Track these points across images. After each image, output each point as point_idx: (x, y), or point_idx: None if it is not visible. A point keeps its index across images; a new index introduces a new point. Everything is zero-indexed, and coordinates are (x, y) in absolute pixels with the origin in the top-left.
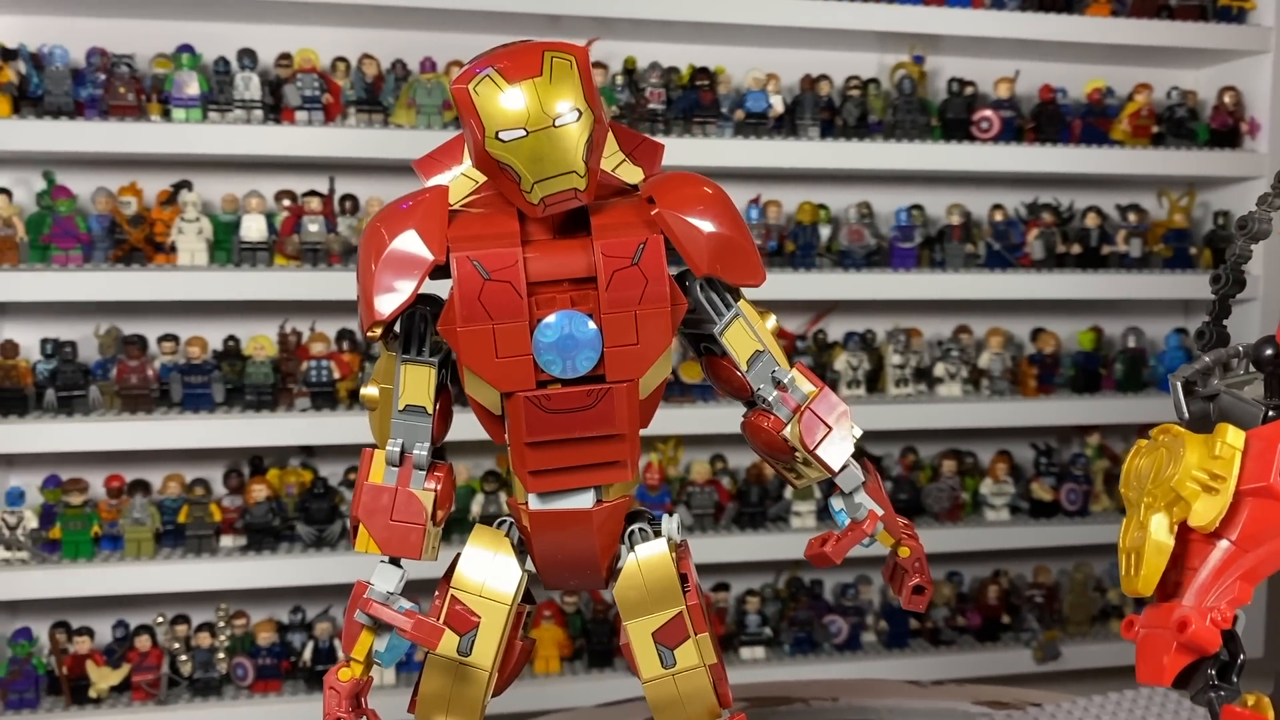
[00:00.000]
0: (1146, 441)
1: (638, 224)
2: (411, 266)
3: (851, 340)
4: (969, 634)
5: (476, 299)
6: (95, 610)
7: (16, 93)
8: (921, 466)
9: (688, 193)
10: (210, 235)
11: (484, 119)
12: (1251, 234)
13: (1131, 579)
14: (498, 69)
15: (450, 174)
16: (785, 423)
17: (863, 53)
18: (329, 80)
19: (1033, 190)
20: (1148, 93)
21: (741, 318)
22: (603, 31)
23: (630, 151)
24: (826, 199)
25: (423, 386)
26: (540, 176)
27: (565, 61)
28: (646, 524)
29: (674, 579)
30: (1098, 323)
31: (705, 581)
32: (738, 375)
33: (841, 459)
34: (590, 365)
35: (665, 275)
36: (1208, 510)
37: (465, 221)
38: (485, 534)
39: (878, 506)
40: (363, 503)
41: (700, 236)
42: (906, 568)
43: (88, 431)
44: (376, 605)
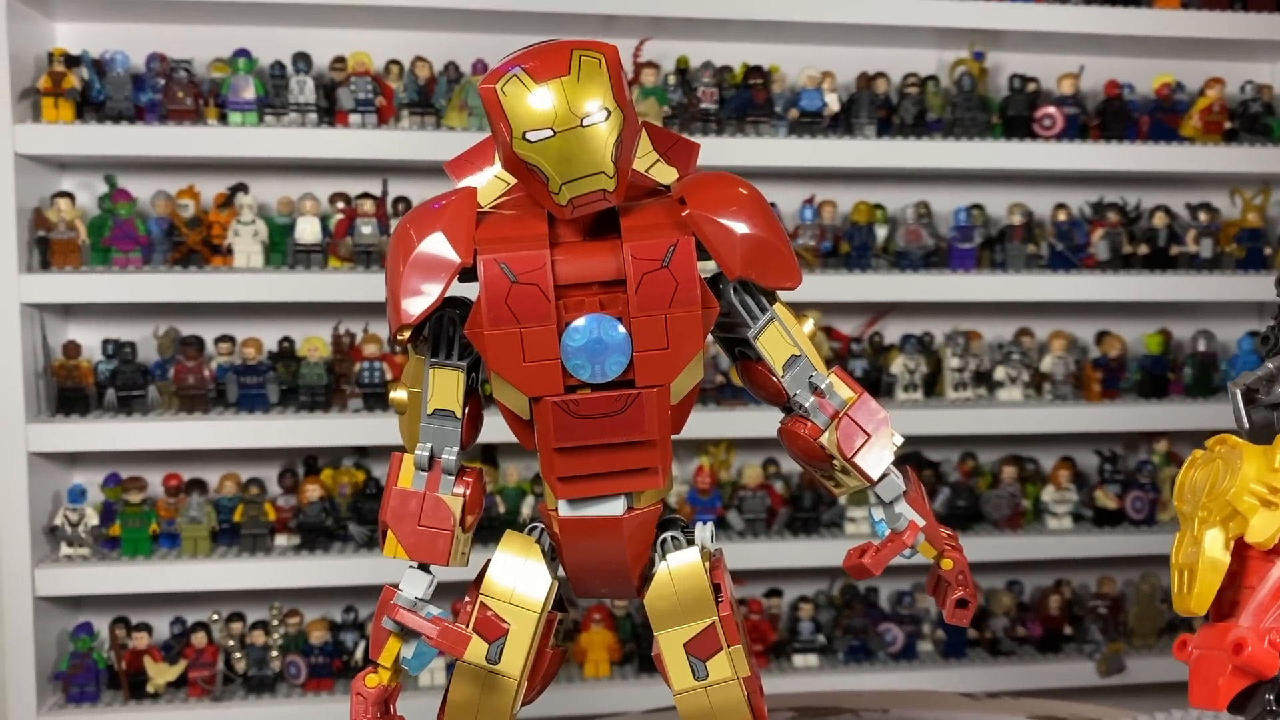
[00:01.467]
0: (1202, 452)
1: (668, 225)
2: (439, 269)
3: (909, 343)
4: (1030, 645)
5: (504, 302)
6: (154, 606)
7: (79, 98)
8: (981, 473)
9: (720, 193)
10: (266, 237)
11: (511, 119)
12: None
13: (1184, 597)
14: (525, 68)
15: (482, 175)
16: (823, 429)
17: (921, 49)
18: (382, 83)
19: (1098, 189)
20: (1220, 87)
21: (777, 321)
22: (656, 31)
23: (665, 151)
24: (883, 199)
25: (451, 390)
26: (568, 177)
27: (594, 60)
28: (680, 532)
29: (706, 589)
30: (1166, 325)
31: (757, 588)
32: (773, 380)
33: (880, 467)
34: (620, 370)
35: (696, 278)
36: (1266, 526)
37: (493, 223)
38: (516, 540)
39: (919, 517)
40: (391, 507)
41: (733, 238)
42: (950, 580)
43: (146, 431)
44: (403, 611)
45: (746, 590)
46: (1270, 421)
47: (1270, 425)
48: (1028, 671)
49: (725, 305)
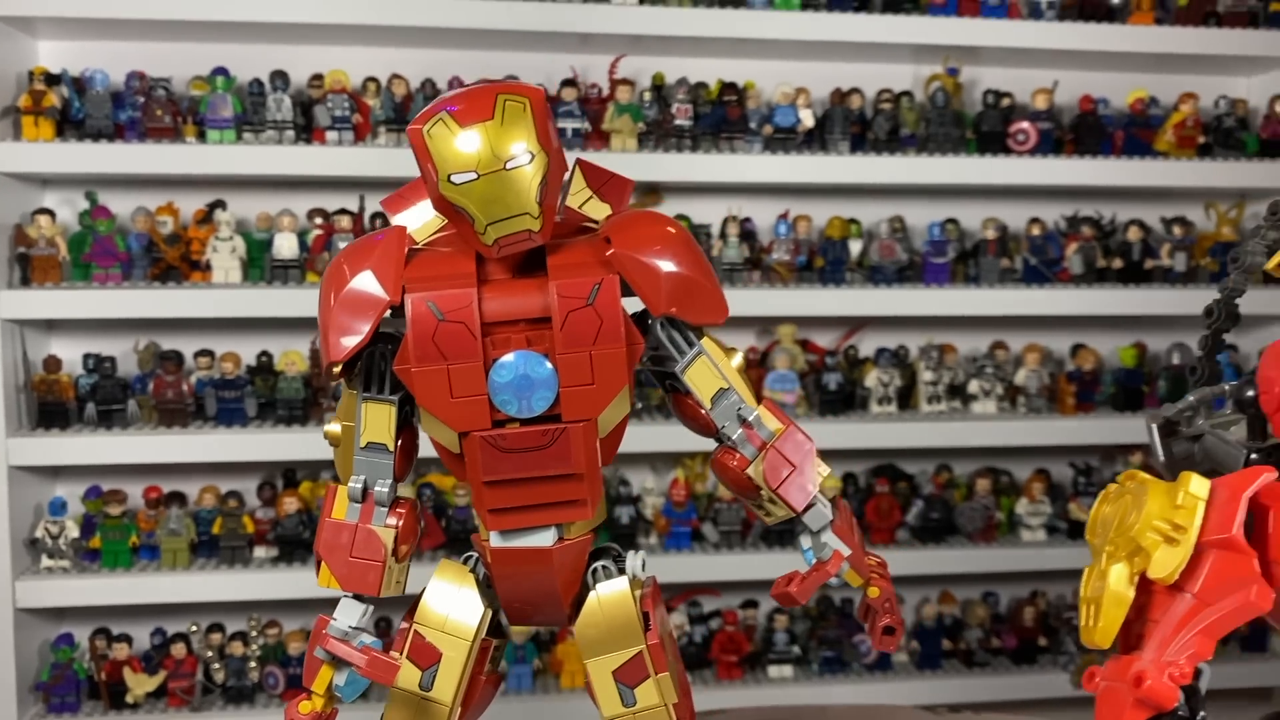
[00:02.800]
0: (1115, 487)
1: (594, 264)
2: (367, 307)
3: (883, 356)
4: (1004, 656)
5: (430, 339)
6: (134, 618)
7: (59, 116)
8: (955, 485)
9: (645, 232)
10: (244, 253)
11: (437, 161)
12: (1244, 267)
13: (1090, 630)
14: (450, 112)
15: (420, 211)
16: (750, 460)
17: (896, 65)
18: (359, 100)
19: (1072, 203)
20: (1193, 102)
21: (705, 356)
22: (633, 48)
23: (598, 188)
24: (858, 213)
25: (383, 424)
26: (493, 218)
27: (518, 104)
28: (611, 561)
29: (634, 618)
30: (1141, 339)
31: (733, 599)
32: (703, 413)
33: (805, 498)
34: (546, 405)
35: (620, 315)
36: (1167, 562)
37: (423, 262)
38: (450, 569)
39: (844, 546)
40: (324, 539)
41: (657, 276)
42: (877, 608)
43: (126, 444)
44: (333, 641)
45: (722, 602)
46: (1191, 453)
47: (1191, 457)
48: (1002, 683)
49: (653, 341)
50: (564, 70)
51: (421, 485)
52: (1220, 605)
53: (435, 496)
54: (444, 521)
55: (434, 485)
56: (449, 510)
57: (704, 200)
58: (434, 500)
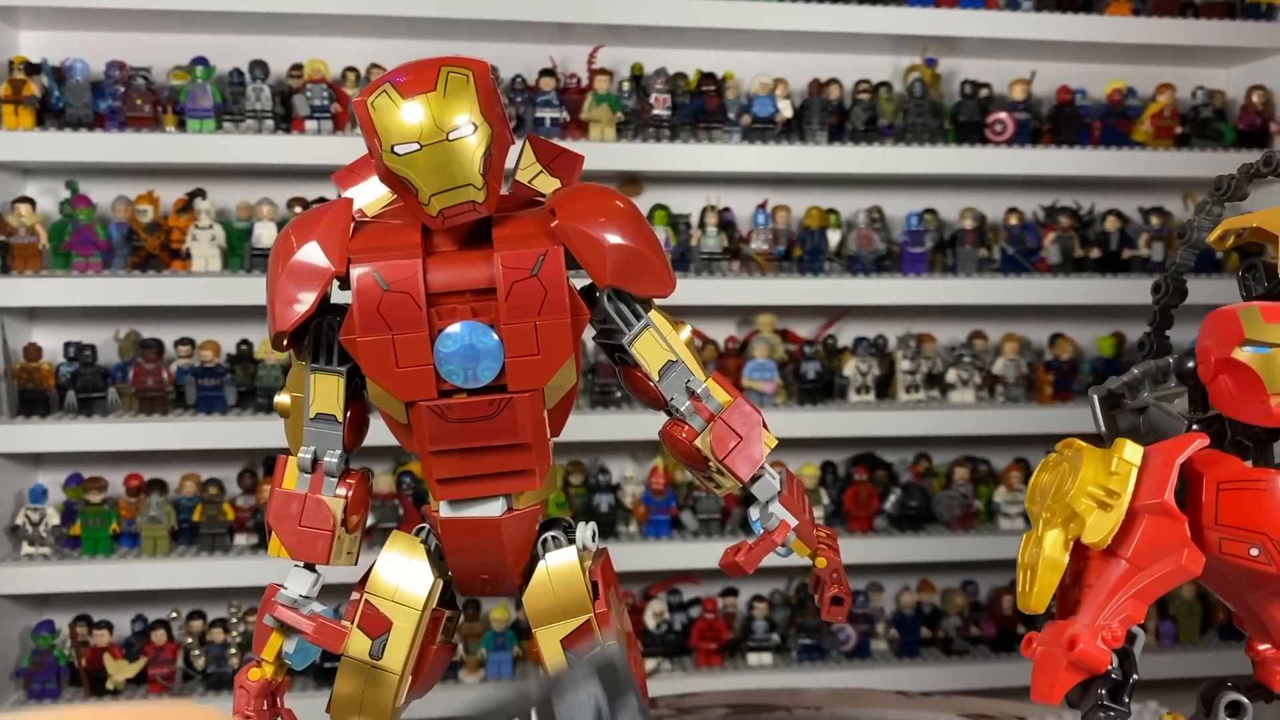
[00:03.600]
0: (1054, 455)
1: (539, 235)
2: (313, 278)
3: (862, 346)
4: (983, 644)
5: (375, 310)
6: (115, 605)
7: (39, 105)
8: (934, 474)
9: (590, 205)
10: (224, 242)
11: (380, 133)
12: (1190, 242)
13: (1026, 595)
14: (395, 84)
15: (371, 186)
16: (698, 432)
17: (874, 56)
18: (337, 90)
19: (1050, 194)
20: (1171, 93)
21: (652, 328)
22: (612, 38)
23: (548, 163)
24: (836, 203)
25: (332, 395)
26: (437, 189)
27: (461, 76)
28: (562, 532)
29: (582, 587)
30: (1119, 328)
31: (713, 587)
32: (651, 386)
33: (752, 468)
34: (492, 375)
35: (564, 286)
36: (1100, 526)
37: (369, 233)
38: (401, 540)
39: (790, 517)
40: (273, 508)
41: (601, 248)
42: (824, 578)
43: (107, 432)
44: (281, 608)
45: (702, 590)
46: (1136, 425)
47: (1136, 429)
48: (981, 671)
49: (600, 314)
50: (543, 60)
51: (402, 474)
52: (1152, 569)
53: (415, 484)
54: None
55: (414, 474)
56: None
57: (683, 190)
58: (414, 489)
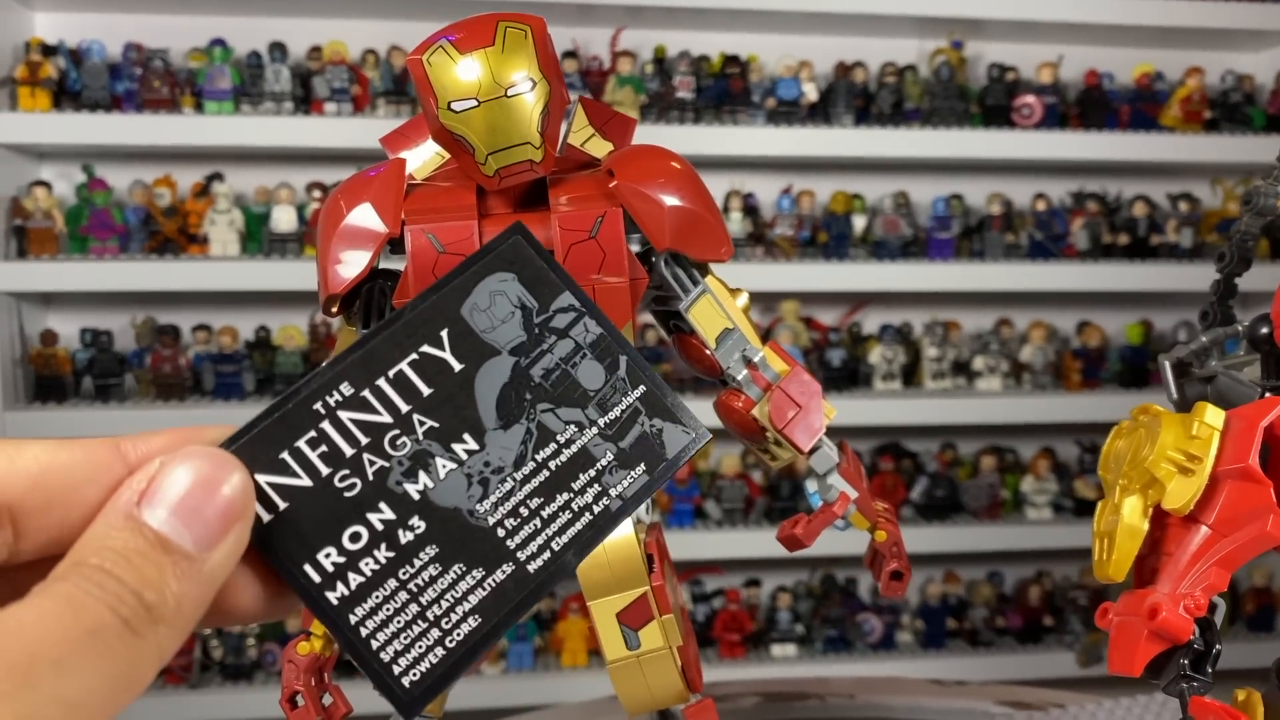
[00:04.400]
0: (1128, 423)
1: (596, 197)
2: (365, 240)
3: (887, 333)
4: (1009, 635)
5: (431, 272)
6: None
7: (56, 88)
8: (960, 463)
9: (649, 166)
10: (242, 226)
11: (437, 90)
12: (1257, 209)
13: (1104, 564)
14: (451, 40)
15: (420, 150)
16: (756, 402)
17: (900, 39)
18: (357, 72)
19: (1078, 179)
20: (1200, 77)
21: (709, 294)
22: (634, 20)
23: (600, 126)
24: (861, 188)
25: None
26: (494, 148)
27: (520, 31)
28: None
29: (639, 559)
30: (1147, 316)
31: (735, 577)
32: (707, 354)
33: (812, 439)
34: None
35: (624, 249)
36: (1182, 492)
37: (423, 195)
38: None
39: (850, 489)
40: None
41: (660, 210)
42: (884, 553)
43: (124, 419)
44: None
45: (725, 580)
46: (1204, 395)
47: (1204, 398)
48: (1007, 662)
49: (657, 279)
50: (564, 42)
51: None
52: (1236, 536)
53: None
54: None
55: None
56: None
57: (706, 174)
58: None
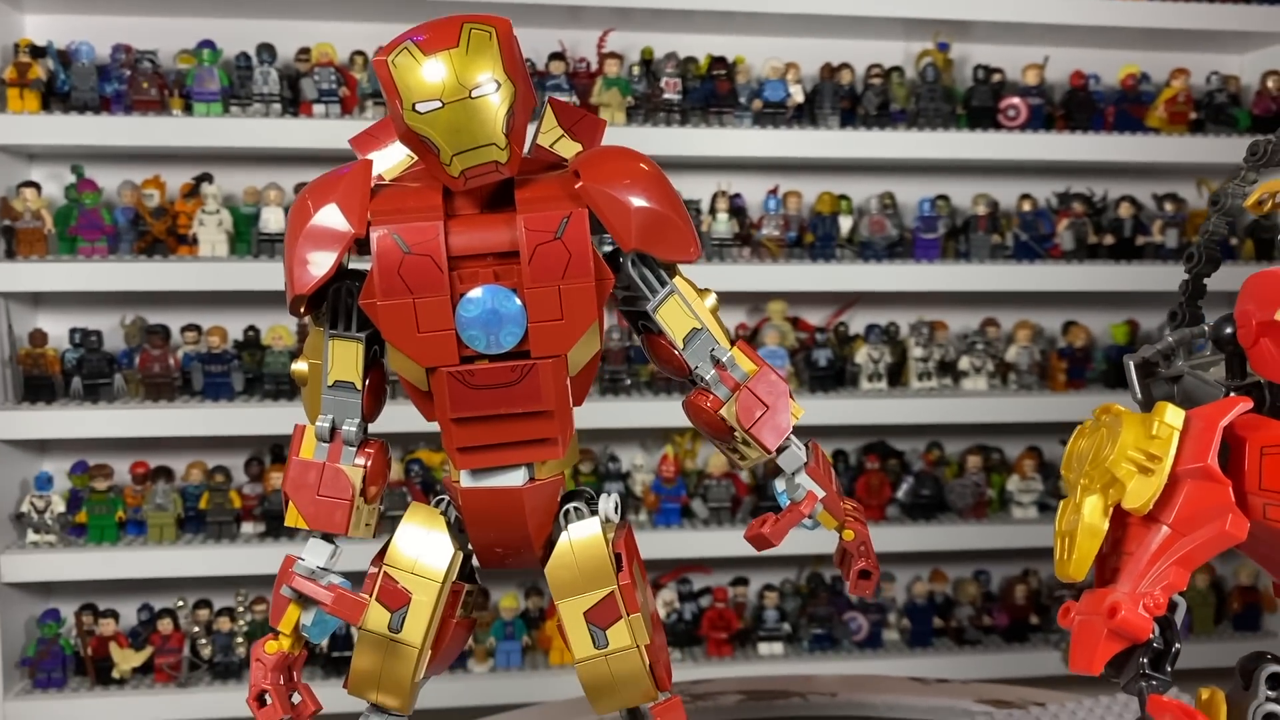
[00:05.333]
0: (1090, 422)
1: (563, 198)
2: (331, 240)
3: (874, 333)
4: (995, 634)
5: (396, 272)
6: (121, 593)
7: (45, 89)
8: (946, 462)
9: (615, 166)
10: (230, 227)
11: (401, 91)
12: (1224, 210)
13: (1065, 563)
14: (416, 41)
15: (390, 151)
16: (724, 401)
17: (886, 40)
18: (346, 74)
19: (1063, 180)
20: (1185, 78)
21: (677, 294)
22: (621, 22)
23: (570, 127)
24: (848, 189)
25: (351, 362)
26: (459, 149)
27: (484, 33)
28: (584, 503)
29: (605, 558)
30: (1132, 316)
31: (723, 576)
32: (676, 354)
33: (779, 438)
34: (515, 340)
35: (589, 250)
36: (1142, 491)
37: (389, 195)
38: (421, 512)
39: (818, 488)
40: (290, 477)
41: (626, 211)
42: (852, 551)
43: (113, 418)
44: (299, 579)
45: (712, 579)
46: (1171, 395)
47: (1170, 398)
48: (994, 661)
49: (624, 279)
50: (552, 44)
51: (410, 461)
52: (1195, 535)
53: (424, 472)
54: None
55: (422, 461)
56: (437, 486)
57: (693, 175)
58: (422, 476)
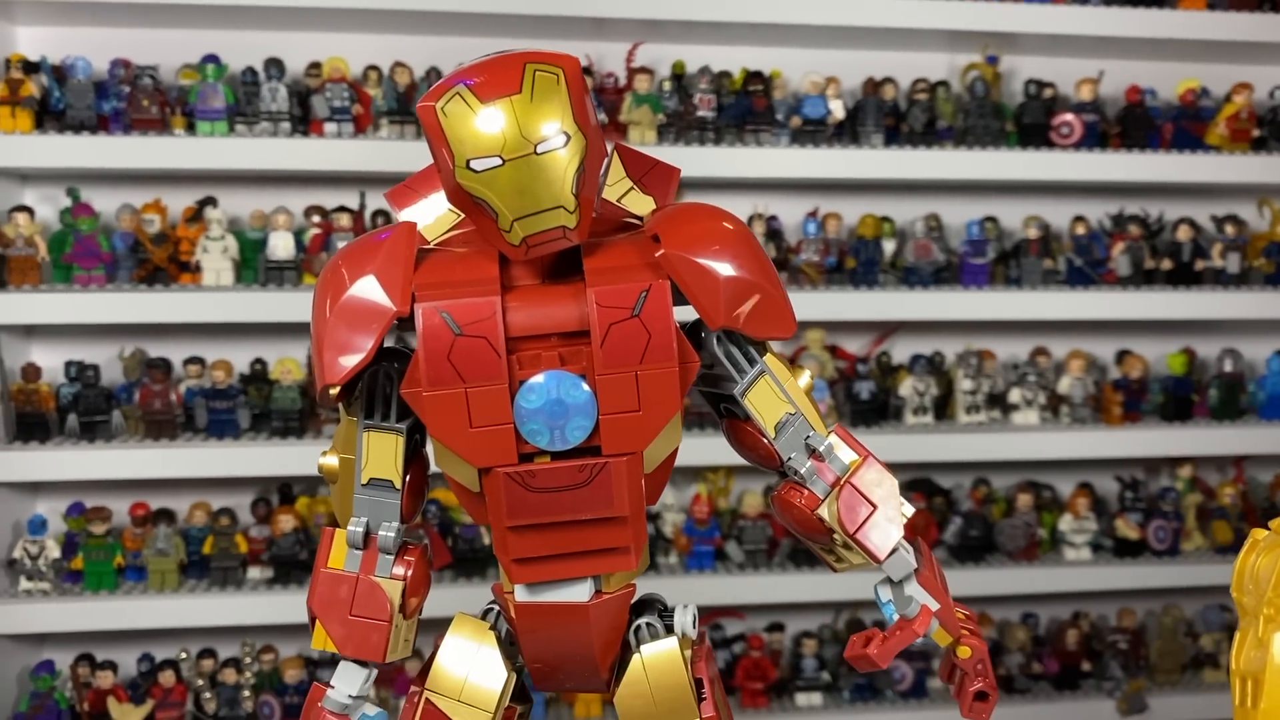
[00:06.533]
0: (1265, 534)
1: (640, 267)
2: (370, 319)
3: (918, 363)
4: (1046, 682)
5: (445, 358)
6: (119, 643)
7: (38, 107)
8: (995, 500)
9: (701, 228)
10: (236, 254)
11: (454, 145)
12: None
13: (1248, 712)
14: (469, 85)
15: (431, 205)
16: (821, 499)
17: (931, 53)
18: (359, 90)
19: (1118, 201)
20: (1248, 93)
21: (768, 375)
22: (650, 34)
23: (639, 178)
24: (891, 211)
25: (389, 457)
26: (521, 213)
27: (551, 75)
28: (657, 617)
29: (686, 685)
30: (1190, 344)
31: (758, 622)
32: (764, 442)
33: (889, 544)
34: (584, 435)
35: (672, 328)
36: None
37: (436, 265)
38: (468, 624)
39: (932, 600)
40: (318, 593)
41: (715, 282)
42: (967, 670)
43: (111, 458)
44: (329, 717)
45: (747, 625)
46: None
47: None
48: (1044, 711)
49: (708, 357)
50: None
51: (427, 500)
52: None
53: (441, 514)
54: (450, 540)
55: (439, 502)
56: (455, 529)
57: (728, 197)
58: (439, 518)
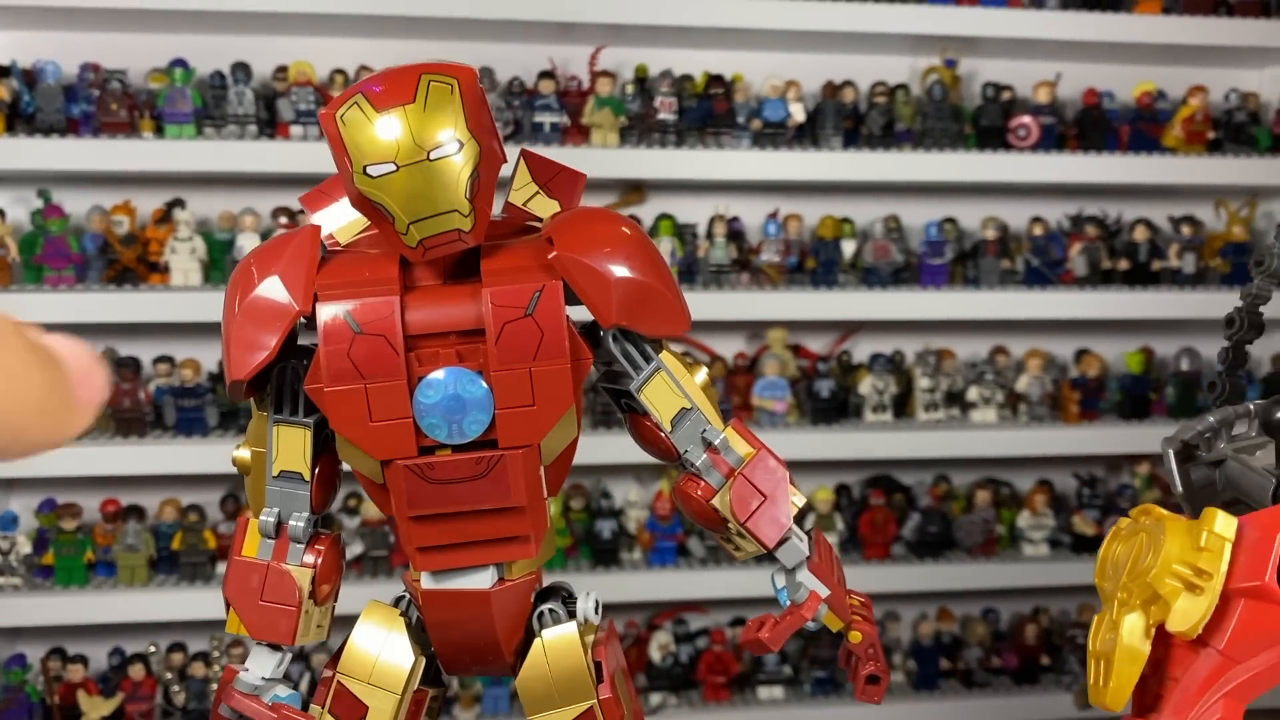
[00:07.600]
0: (1127, 522)
1: (534, 268)
2: (274, 318)
3: (878, 362)
4: (1005, 676)
5: (346, 355)
6: (90, 637)
7: (8, 110)
8: (954, 497)
9: (593, 232)
10: (204, 255)
11: (352, 152)
12: (1268, 271)
13: (1101, 690)
14: (366, 95)
15: (344, 208)
16: (716, 490)
17: (892, 56)
18: (325, 94)
19: (1076, 202)
20: (1203, 95)
21: (664, 371)
22: (614, 39)
23: (546, 183)
24: (851, 212)
25: (298, 450)
26: (416, 216)
27: (445, 85)
28: (560, 604)
29: (583, 668)
30: (1148, 343)
31: (721, 616)
32: (663, 436)
33: (778, 532)
34: (480, 429)
35: (564, 326)
36: (1190, 613)
37: (339, 266)
38: (379, 611)
39: (822, 586)
40: (232, 580)
41: (606, 282)
42: (859, 654)
43: (81, 455)
44: (239, 697)
45: (710, 619)
46: (1212, 480)
47: (1212, 484)
48: (1003, 704)
49: (605, 355)
50: (542, 62)
51: None
52: (1251, 664)
53: None
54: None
55: None
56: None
57: (690, 198)
58: None
